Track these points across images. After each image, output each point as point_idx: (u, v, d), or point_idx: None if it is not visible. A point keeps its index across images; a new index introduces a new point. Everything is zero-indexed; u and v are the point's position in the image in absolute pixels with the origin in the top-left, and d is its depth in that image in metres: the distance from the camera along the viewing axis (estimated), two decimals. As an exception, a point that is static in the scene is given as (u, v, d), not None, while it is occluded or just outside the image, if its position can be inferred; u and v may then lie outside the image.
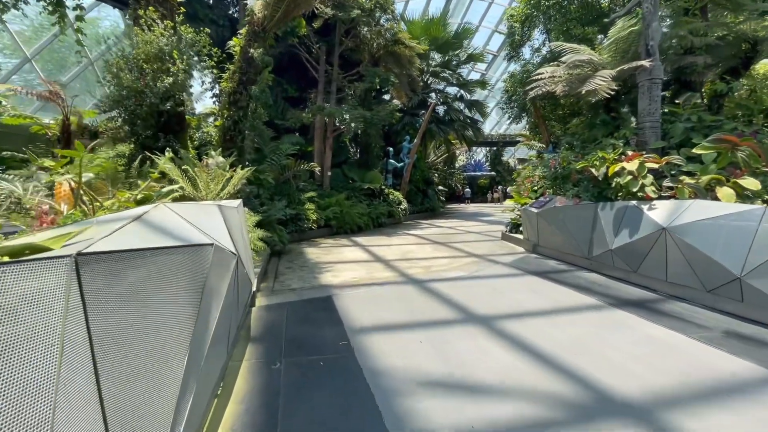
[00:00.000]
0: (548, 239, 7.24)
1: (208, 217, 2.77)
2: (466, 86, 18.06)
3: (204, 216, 2.73)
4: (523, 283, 5.27)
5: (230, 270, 2.45)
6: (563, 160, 7.05)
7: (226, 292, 2.34)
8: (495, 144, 36.24)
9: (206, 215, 2.78)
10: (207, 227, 2.48)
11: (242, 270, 2.95)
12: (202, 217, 2.67)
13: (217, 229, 2.65)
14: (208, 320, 1.94)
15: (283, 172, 9.38)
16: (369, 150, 14.24)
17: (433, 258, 7.08)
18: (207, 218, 2.72)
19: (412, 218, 15.50)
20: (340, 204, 10.66)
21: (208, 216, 2.80)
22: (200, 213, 2.72)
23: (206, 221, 2.64)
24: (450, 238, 9.82)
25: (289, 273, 5.79)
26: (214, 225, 2.70)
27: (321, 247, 8.23)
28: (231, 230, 3.17)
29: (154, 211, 1.95)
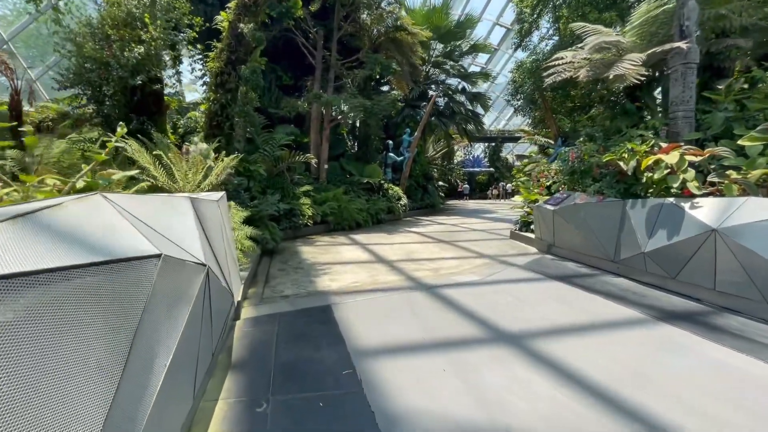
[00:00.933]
0: (566, 239, 6.65)
1: (174, 214, 2.12)
2: (469, 78, 17.38)
3: (167, 213, 2.07)
4: (546, 290, 4.67)
5: (196, 286, 1.80)
6: (584, 153, 6.44)
7: (188, 315, 1.69)
8: (494, 140, 35.70)
9: (171, 211, 2.12)
10: (167, 228, 1.83)
11: (218, 282, 2.30)
12: (164, 215, 2.01)
13: (182, 230, 2.00)
14: (150, 365, 1.29)
15: (276, 164, 8.69)
16: (368, 142, 13.55)
17: (440, 259, 6.47)
18: (171, 216, 2.06)
19: (411, 214, 14.89)
20: (338, 199, 10.00)
21: (174, 212, 2.14)
22: (162, 209, 2.06)
23: (168, 220, 1.99)
24: (455, 236, 9.21)
25: (282, 276, 5.14)
26: (180, 225, 2.05)
27: (317, 245, 7.58)
28: (208, 231, 2.52)
29: (74, 206, 1.29)
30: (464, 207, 21.61)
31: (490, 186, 35.89)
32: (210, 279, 2.02)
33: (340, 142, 13.98)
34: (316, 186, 10.42)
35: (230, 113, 6.08)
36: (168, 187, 3.57)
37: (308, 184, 9.75)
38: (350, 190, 11.40)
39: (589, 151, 6.32)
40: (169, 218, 2.01)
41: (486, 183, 37.17)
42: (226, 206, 3.57)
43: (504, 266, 5.99)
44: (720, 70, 6.55)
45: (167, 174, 3.66)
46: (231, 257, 3.45)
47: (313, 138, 11.30)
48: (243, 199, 5.98)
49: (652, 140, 5.49)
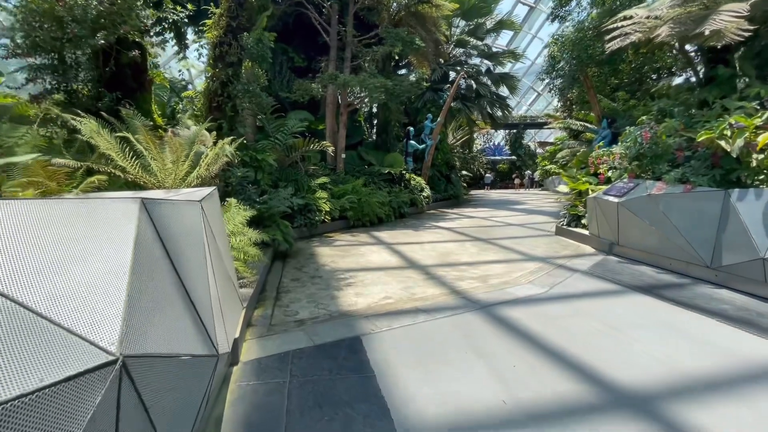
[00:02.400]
0: (635, 237, 5.49)
1: (85, 240, 1.14)
2: (495, 57, 15.97)
3: (68, 241, 1.09)
4: (635, 308, 3.59)
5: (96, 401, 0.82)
6: (661, 132, 5.23)
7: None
8: (515, 126, 33.98)
9: (82, 235, 1.15)
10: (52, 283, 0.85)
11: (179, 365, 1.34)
12: (59, 246, 1.04)
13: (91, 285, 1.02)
14: None
15: (288, 154, 7.74)
16: (388, 129, 12.45)
17: (483, 263, 5.41)
18: (73, 247, 1.08)
19: (434, 207, 13.79)
20: (357, 191, 9.01)
21: (90, 237, 1.16)
22: (63, 230, 1.09)
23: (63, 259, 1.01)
24: (491, 232, 8.12)
25: (297, 289, 4.19)
26: (91, 269, 1.07)
27: (337, 246, 6.62)
28: (176, 255, 1.56)
29: None
30: (488, 198, 20.35)
31: (512, 175, 34.27)
32: (138, 382, 1.03)
33: (358, 129, 12.93)
34: (333, 177, 9.44)
35: (232, 92, 5.12)
36: (142, 181, 2.64)
37: (324, 176, 8.77)
38: (370, 181, 10.38)
39: (669, 130, 5.11)
40: (68, 252, 1.03)
41: (507, 172, 35.56)
42: (217, 207, 2.61)
43: (564, 272, 4.90)
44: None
45: (142, 165, 2.73)
46: (223, 277, 2.49)
47: (329, 124, 10.29)
48: (249, 194, 5.05)
49: (765, 113, 4.27)
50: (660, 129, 5.22)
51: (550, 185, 26.04)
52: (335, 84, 8.99)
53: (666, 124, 5.10)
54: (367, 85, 8.64)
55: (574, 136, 20.22)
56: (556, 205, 14.53)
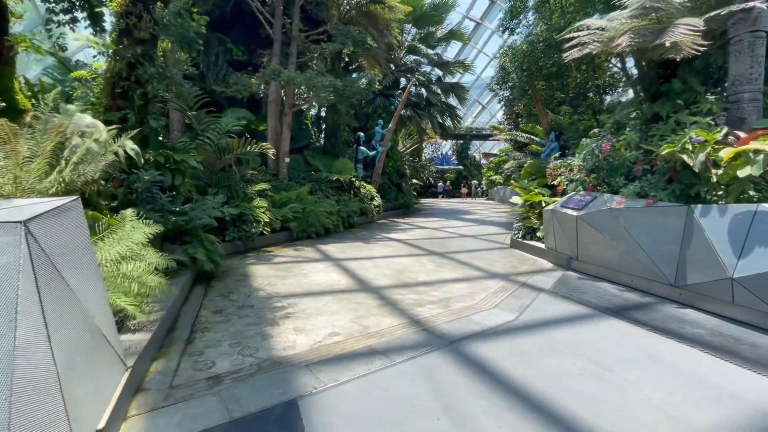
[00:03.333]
0: (595, 252, 5.30)
1: None
2: (446, 66, 15.97)
3: None
4: (615, 336, 3.21)
5: None
6: (620, 144, 5.11)
7: None
8: (462, 137, 34.89)
9: None
10: None
11: None
12: None
13: None
14: None
15: (221, 156, 6.72)
16: (337, 133, 11.72)
17: (442, 282, 4.88)
18: None
19: (385, 216, 13.26)
20: (303, 200, 8.16)
21: None
22: None
23: None
24: (445, 245, 7.69)
25: (218, 326, 3.30)
26: None
27: (276, 263, 5.74)
28: None
29: None
30: (438, 207, 20.33)
31: (459, 184, 34.98)
32: None
33: (304, 132, 12.05)
34: (275, 184, 8.50)
35: (143, 76, 4.10)
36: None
37: (264, 182, 7.82)
38: (317, 188, 9.56)
39: (628, 142, 4.99)
40: None
41: (454, 181, 36.34)
42: (77, 227, 1.73)
43: (529, 291, 4.52)
44: None
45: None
46: (80, 333, 1.62)
47: (271, 125, 9.32)
48: (161, 204, 4.04)
49: (723, 128, 4.22)
50: (619, 141, 5.09)
51: (496, 195, 26.89)
52: (278, 80, 8.10)
53: (625, 137, 4.97)
54: (315, 83, 7.87)
55: (519, 148, 20.99)
56: (504, 215, 14.71)
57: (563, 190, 5.97)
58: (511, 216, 14.07)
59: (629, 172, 5.36)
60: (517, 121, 17.34)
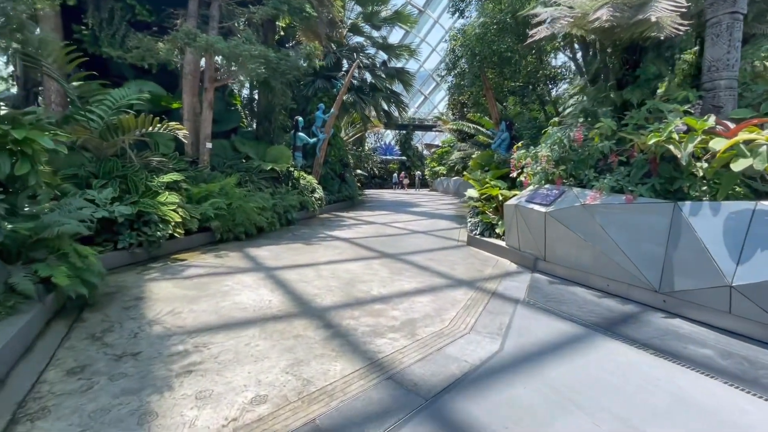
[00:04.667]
0: (565, 253, 4.80)
1: None
2: (392, 49, 15.03)
3: None
4: (621, 369, 2.58)
5: None
6: (595, 134, 4.60)
7: None
8: (405, 127, 34.50)
9: None
10: None
11: None
12: None
13: None
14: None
15: (111, 137, 5.15)
16: (271, 116, 10.26)
17: (402, 295, 4.01)
18: None
19: (328, 210, 12.16)
20: (228, 193, 6.79)
21: None
22: None
23: None
24: (398, 243, 6.87)
25: (66, 401, 2.08)
26: None
27: (188, 276, 4.45)
28: None
29: None
30: (383, 199, 19.61)
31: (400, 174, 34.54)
32: None
33: (233, 114, 10.41)
34: (193, 174, 7.00)
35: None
36: None
37: (177, 171, 6.33)
38: (247, 179, 8.17)
39: (605, 130, 4.49)
40: None
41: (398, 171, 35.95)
42: None
43: (503, 304, 3.83)
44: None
45: None
46: None
47: (188, 103, 7.69)
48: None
49: (709, 116, 3.82)
50: (594, 130, 4.57)
51: (439, 186, 26.92)
52: (194, 47, 6.56)
53: (601, 125, 4.45)
54: (241, 52, 6.48)
55: (464, 139, 20.89)
56: (452, 208, 14.37)
57: (530, 182, 5.40)
58: (460, 209, 13.74)
59: (597, 164, 4.93)
60: (463, 111, 17.08)
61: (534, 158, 5.34)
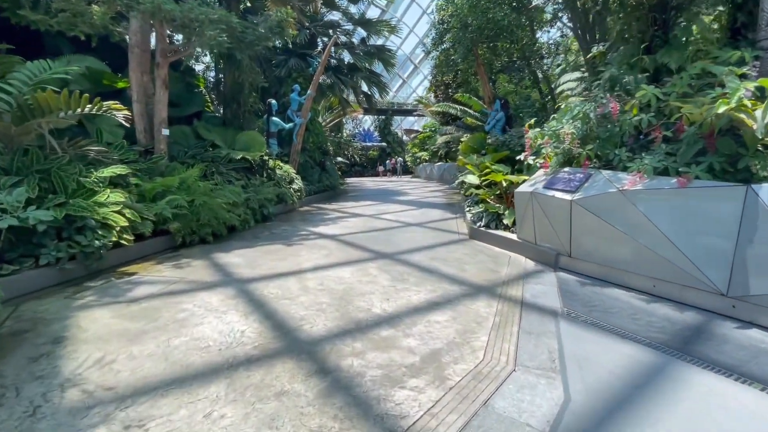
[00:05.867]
0: (596, 247, 4.08)
1: None
2: (370, 26, 13.88)
3: None
4: (737, 415, 1.85)
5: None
6: (635, 103, 3.84)
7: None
8: (384, 112, 33.36)
9: None
10: None
11: None
12: None
13: None
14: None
15: (25, 120, 4.01)
16: (240, 98, 9.06)
17: (412, 312, 3.18)
18: None
19: (309, 202, 11.16)
20: (190, 187, 5.73)
21: None
22: None
23: None
24: (392, 239, 6.02)
25: None
26: None
27: (134, 299, 3.45)
28: None
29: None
30: (365, 187, 18.67)
31: (377, 162, 33.39)
32: None
33: (196, 97, 9.16)
34: (146, 166, 5.88)
35: None
36: None
37: (125, 163, 5.22)
38: (214, 171, 7.07)
39: (646, 101, 3.73)
40: None
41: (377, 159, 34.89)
42: None
43: (539, 319, 3.07)
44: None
45: None
46: None
47: (137, 81, 6.47)
48: None
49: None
50: (631, 101, 3.81)
51: (422, 172, 26.12)
52: (138, 10, 5.37)
53: (643, 93, 3.69)
54: (197, 16, 5.34)
55: (447, 122, 20.04)
56: (440, 195, 13.60)
57: (550, 166, 4.63)
58: (449, 196, 12.99)
59: (624, 141, 4.20)
60: (447, 93, 16.20)
61: (554, 137, 4.56)
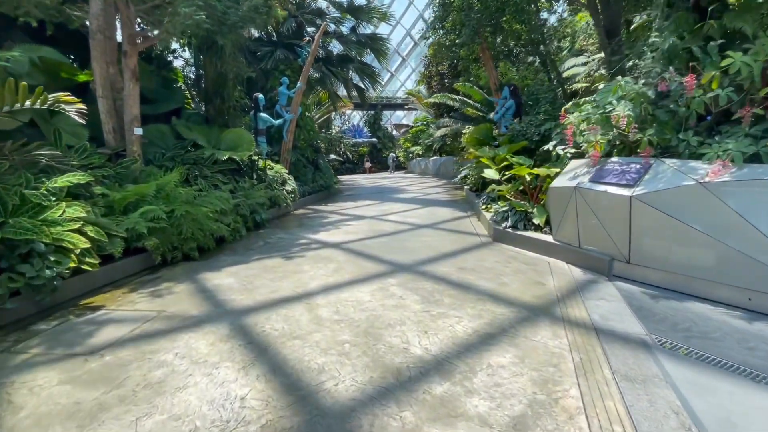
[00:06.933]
0: (666, 253, 3.39)
1: None
2: (361, 13, 13.01)
3: None
4: None
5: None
6: (709, 76, 3.14)
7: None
8: (374, 107, 32.42)
9: None
10: None
11: None
12: None
13: None
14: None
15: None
16: (224, 92, 8.14)
17: (465, 350, 2.45)
18: None
19: (304, 203, 10.32)
20: (169, 195, 4.88)
21: None
22: None
23: None
24: (406, 245, 5.27)
25: None
26: None
27: (93, 348, 2.65)
28: None
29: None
30: (360, 185, 17.85)
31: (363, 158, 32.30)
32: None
33: (174, 92, 8.22)
34: (114, 171, 5.00)
35: None
36: None
37: (89, 169, 4.35)
38: (197, 174, 6.20)
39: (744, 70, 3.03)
40: None
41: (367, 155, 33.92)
42: None
43: (634, 357, 2.36)
44: None
45: None
46: None
47: (100, 73, 5.53)
48: None
49: None
50: (709, 73, 3.11)
51: (416, 167, 25.38)
52: (97, -14, 4.47)
53: (730, 62, 2.98)
54: (168, -8, 4.48)
55: (441, 114, 19.29)
56: (441, 191, 12.90)
57: (600, 155, 3.92)
58: (450, 192, 12.29)
59: (683, 125, 3.52)
60: (443, 83, 15.42)
61: (600, 122, 3.85)
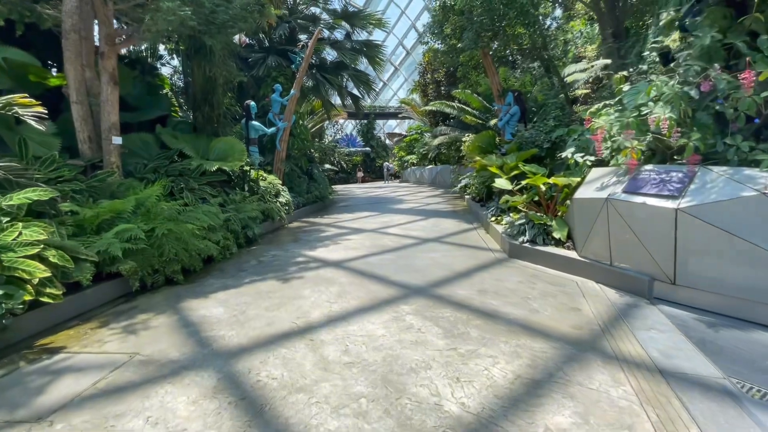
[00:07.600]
0: (722, 274, 2.97)
1: None
2: (356, 18, 12.68)
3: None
4: None
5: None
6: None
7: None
8: (367, 116, 32.18)
9: None
10: None
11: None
12: None
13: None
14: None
15: None
16: (212, 99, 7.65)
17: (508, 409, 1.96)
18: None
19: (298, 216, 9.80)
20: (150, 211, 4.35)
21: None
22: None
23: None
24: (416, 264, 4.78)
25: None
26: None
27: (38, 410, 2.12)
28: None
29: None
30: (355, 195, 17.37)
31: (357, 168, 31.96)
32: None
33: (159, 99, 7.72)
34: (86, 185, 4.46)
35: None
36: None
37: (58, 183, 3.82)
38: (183, 187, 5.67)
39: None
40: None
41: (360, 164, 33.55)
42: None
43: (720, 409, 1.90)
44: None
45: None
46: None
47: (74, 76, 5.00)
48: None
49: None
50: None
51: (410, 176, 25.04)
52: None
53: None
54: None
55: (437, 123, 19.02)
56: (440, 201, 12.49)
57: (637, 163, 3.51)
58: (450, 201, 11.89)
59: (724, 127, 3.15)
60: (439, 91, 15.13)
61: (635, 126, 3.45)
